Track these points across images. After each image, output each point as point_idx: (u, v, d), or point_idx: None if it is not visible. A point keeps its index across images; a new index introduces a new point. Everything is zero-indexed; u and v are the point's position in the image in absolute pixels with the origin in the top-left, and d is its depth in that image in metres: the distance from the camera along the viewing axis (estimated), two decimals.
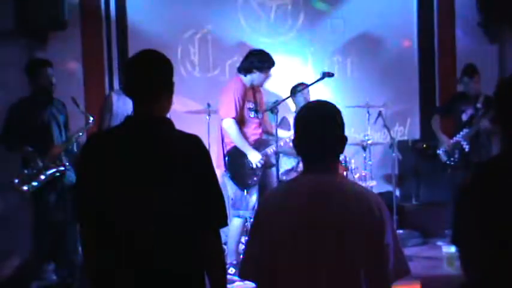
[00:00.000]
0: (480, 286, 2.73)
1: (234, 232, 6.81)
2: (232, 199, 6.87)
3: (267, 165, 6.87)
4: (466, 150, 7.68)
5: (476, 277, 2.73)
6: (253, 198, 6.76)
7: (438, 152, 7.88)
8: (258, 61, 6.90)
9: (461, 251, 2.80)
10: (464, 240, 2.76)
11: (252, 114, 6.89)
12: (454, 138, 7.78)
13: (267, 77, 6.99)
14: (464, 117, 7.81)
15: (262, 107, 7.02)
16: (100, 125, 6.93)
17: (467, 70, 7.88)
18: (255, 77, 6.91)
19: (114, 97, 7.09)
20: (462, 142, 7.70)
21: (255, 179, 6.76)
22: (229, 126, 6.76)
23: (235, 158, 6.83)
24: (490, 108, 7.53)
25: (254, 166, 6.74)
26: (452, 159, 7.76)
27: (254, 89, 7.03)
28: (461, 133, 7.73)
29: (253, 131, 6.91)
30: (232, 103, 6.76)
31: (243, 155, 6.77)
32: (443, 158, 7.83)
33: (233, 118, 6.74)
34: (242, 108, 6.83)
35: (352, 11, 9.01)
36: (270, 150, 6.83)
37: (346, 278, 2.78)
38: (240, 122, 6.81)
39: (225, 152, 6.89)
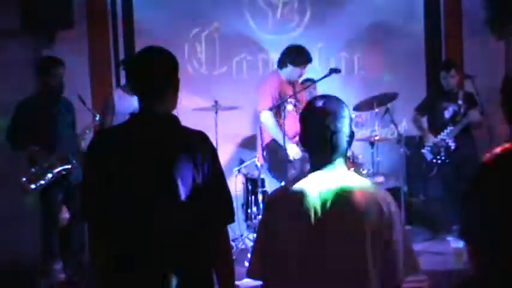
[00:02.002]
0: (488, 281, 2.73)
1: None
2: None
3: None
4: (452, 148, 7.68)
5: (484, 272, 2.73)
6: None
7: (423, 150, 7.87)
8: (293, 56, 7.04)
9: (469, 246, 2.79)
10: (472, 235, 2.75)
11: (291, 107, 6.93)
12: (439, 136, 7.77)
13: (301, 73, 7.13)
14: (447, 114, 7.80)
15: (303, 101, 7.05)
16: (103, 125, 6.93)
17: (444, 64, 7.91)
18: (289, 71, 7.08)
19: (116, 96, 7.16)
20: (447, 140, 7.69)
21: (293, 171, 6.81)
22: (267, 118, 6.98)
23: (273, 151, 6.94)
24: (473, 103, 7.56)
25: (291, 158, 6.80)
26: (438, 157, 7.75)
27: (294, 84, 7.17)
28: (445, 131, 7.72)
29: (292, 124, 6.90)
30: (267, 96, 6.97)
31: (281, 148, 6.83)
32: (429, 156, 7.83)
33: (269, 110, 6.91)
34: (278, 101, 6.94)
35: (359, 8, 8.99)
36: None
37: (356, 277, 2.77)
38: (277, 115, 6.92)
39: (264, 145, 7.04)
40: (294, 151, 6.86)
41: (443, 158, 7.73)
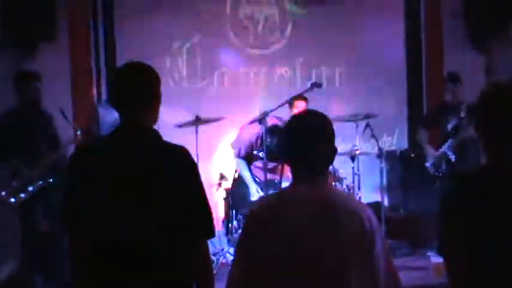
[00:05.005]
0: None
1: None
2: None
3: None
4: (453, 160, 7.68)
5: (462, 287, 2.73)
6: None
7: (426, 165, 7.86)
8: None
9: (446, 261, 2.80)
10: (449, 250, 2.76)
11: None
12: (440, 149, 7.78)
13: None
14: (449, 127, 7.81)
15: None
16: (88, 137, 6.92)
17: (451, 77, 7.90)
18: None
19: (101, 109, 7.20)
20: (448, 153, 7.70)
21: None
22: (237, 166, 7.63)
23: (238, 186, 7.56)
24: (473, 117, 7.51)
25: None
26: (440, 170, 7.76)
27: None
28: (446, 144, 7.73)
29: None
30: (240, 144, 7.54)
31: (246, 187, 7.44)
32: (431, 170, 7.82)
33: (240, 158, 7.54)
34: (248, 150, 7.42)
35: (340, 22, 9.03)
36: None
37: None
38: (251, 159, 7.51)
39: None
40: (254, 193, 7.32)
41: (444, 171, 7.72)
